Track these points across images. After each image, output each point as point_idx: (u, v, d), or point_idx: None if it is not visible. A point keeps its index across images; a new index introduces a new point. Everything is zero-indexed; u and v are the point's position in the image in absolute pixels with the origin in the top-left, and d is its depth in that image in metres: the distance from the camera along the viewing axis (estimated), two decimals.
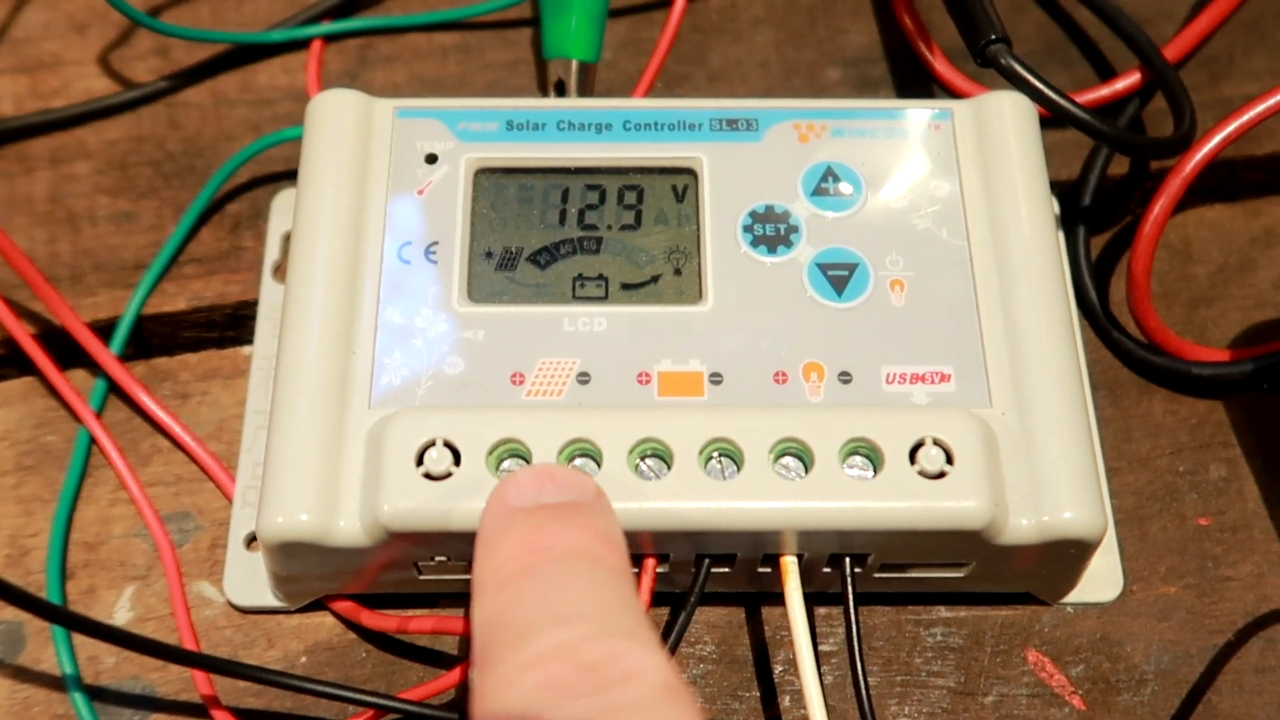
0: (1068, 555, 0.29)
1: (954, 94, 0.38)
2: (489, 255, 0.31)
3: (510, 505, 0.25)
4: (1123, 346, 0.35)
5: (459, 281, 0.30)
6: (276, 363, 0.30)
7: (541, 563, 0.23)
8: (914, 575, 0.30)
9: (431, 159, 0.32)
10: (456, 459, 0.27)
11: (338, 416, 0.29)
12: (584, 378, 0.29)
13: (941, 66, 0.39)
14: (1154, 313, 0.35)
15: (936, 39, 0.39)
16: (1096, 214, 0.37)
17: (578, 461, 0.28)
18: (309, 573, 0.29)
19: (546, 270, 0.31)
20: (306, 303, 0.30)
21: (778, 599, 0.29)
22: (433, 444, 0.27)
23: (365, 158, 0.32)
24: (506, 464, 0.28)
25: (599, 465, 0.28)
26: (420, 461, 0.27)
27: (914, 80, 0.39)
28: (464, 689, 0.30)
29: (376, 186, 0.32)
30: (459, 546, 0.28)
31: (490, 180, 0.32)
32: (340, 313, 0.30)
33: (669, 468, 0.28)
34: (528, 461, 0.28)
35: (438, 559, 0.29)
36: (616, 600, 0.23)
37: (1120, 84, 0.38)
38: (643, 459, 0.28)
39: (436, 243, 0.31)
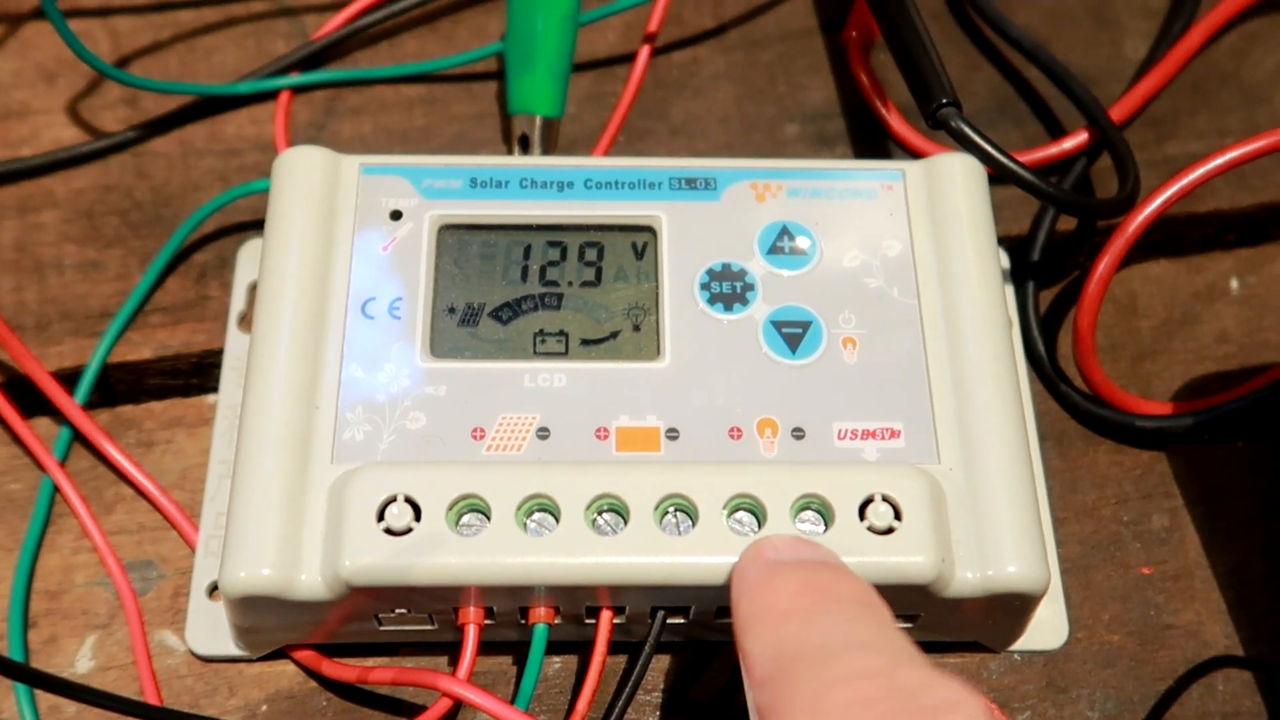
0: (1012, 607, 0.30)
1: (909, 150, 0.39)
2: (452, 311, 0.32)
3: (770, 559, 0.27)
4: (1069, 399, 0.36)
5: (422, 337, 0.31)
6: (240, 416, 0.30)
7: (823, 601, 0.25)
8: None
9: (396, 215, 0.33)
10: (417, 514, 0.28)
11: (300, 471, 0.29)
12: (544, 433, 0.30)
13: (897, 123, 0.40)
14: (1099, 368, 0.36)
15: (892, 96, 0.40)
16: (1045, 268, 0.39)
17: (536, 516, 0.28)
18: (270, 624, 0.30)
19: (508, 326, 0.32)
20: (271, 357, 0.30)
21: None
22: (394, 500, 0.28)
23: (331, 214, 0.32)
24: (466, 518, 0.28)
25: (557, 520, 0.28)
26: (381, 517, 0.28)
27: (870, 136, 0.41)
28: None
29: (341, 242, 0.32)
30: (420, 600, 0.29)
31: (454, 237, 0.33)
32: (304, 367, 0.30)
33: (625, 523, 0.28)
34: (487, 517, 0.28)
35: (398, 611, 0.29)
36: (905, 641, 0.24)
37: (1068, 143, 0.39)
38: (600, 514, 0.29)
39: (400, 298, 0.32)
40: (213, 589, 0.33)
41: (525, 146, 0.38)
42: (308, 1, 0.42)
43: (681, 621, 0.30)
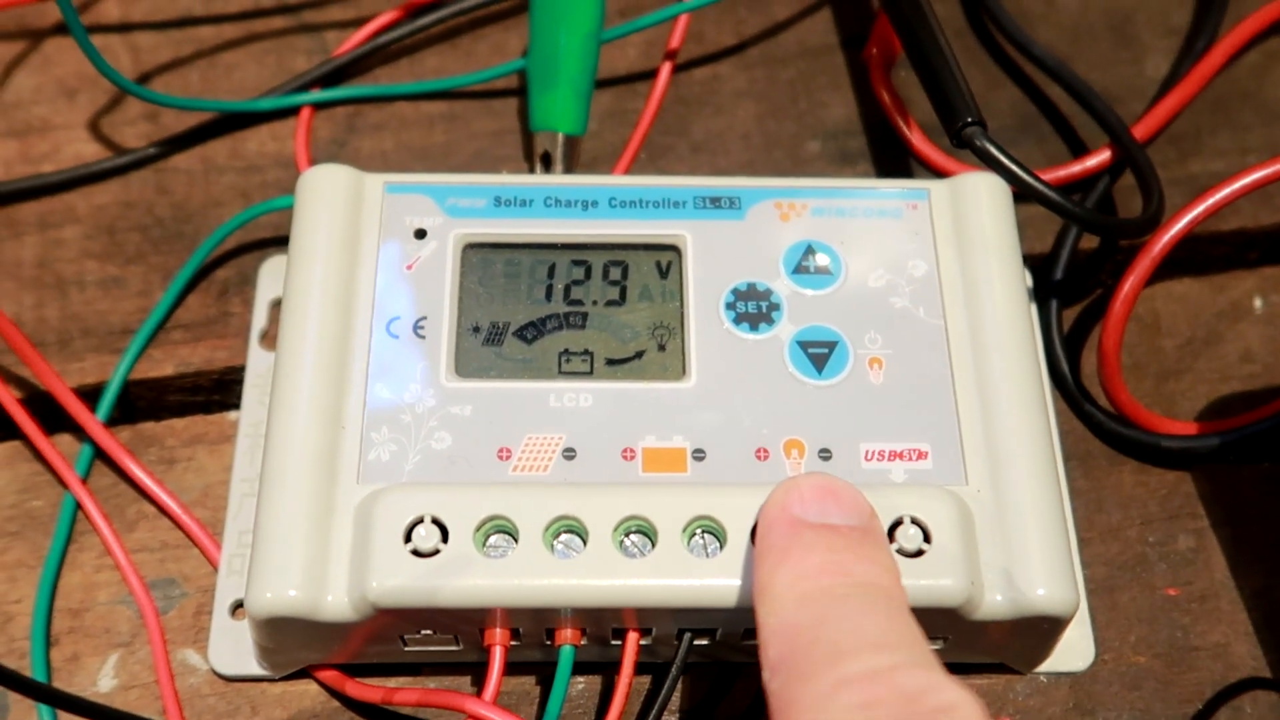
0: (1041, 630, 0.30)
1: (930, 168, 0.39)
2: (476, 330, 0.32)
3: (794, 515, 0.26)
4: (1094, 418, 0.36)
5: (447, 357, 0.31)
6: (266, 437, 0.30)
7: (841, 585, 0.25)
8: None
9: (420, 234, 0.33)
10: (444, 536, 0.28)
11: (326, 492, 0.29)
12: (569, 453, 0.30)
13: (919, 141, 0.40)
14: (1124, 387, 0.36)
15: (914, 114, 0.40)
16: (1069, 287, 0.38)
17: (563, 538, 0.28)
18: (295, 645, 0.30)
19: (533, 345, 0.32)
20: (296, 377, 0.30)
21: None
22: (421, 521, 0.28)
23: (355, 232, 0.32)
24: (493, 540, 0.28)
25: (584, 542, 0.28)
26: (408, 538, 0.28)
27: (892, 154, 0.40)
28: None
29: (366, 261, 0.32)
30: (446, 622, 0.29)
31: (478, 255, 0.33)
32: (329, 388, 0.30)
33: (653, 545, 0.28)
34: (514, 538, 0.28)
35: (424, 633, 0.29)
36: (915, 634, 0.24)
37: (1091, 161, 0.39)
38: (627, 535, 0.28)
39: (425, 318, 0.31)
40: (235, 607, 0.32)
41: (547, 164, 0.38)
42: (329, 18, 0.42)
43: (707, 643, 0.30)
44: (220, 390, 0.37)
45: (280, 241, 0.38)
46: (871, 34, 0.42)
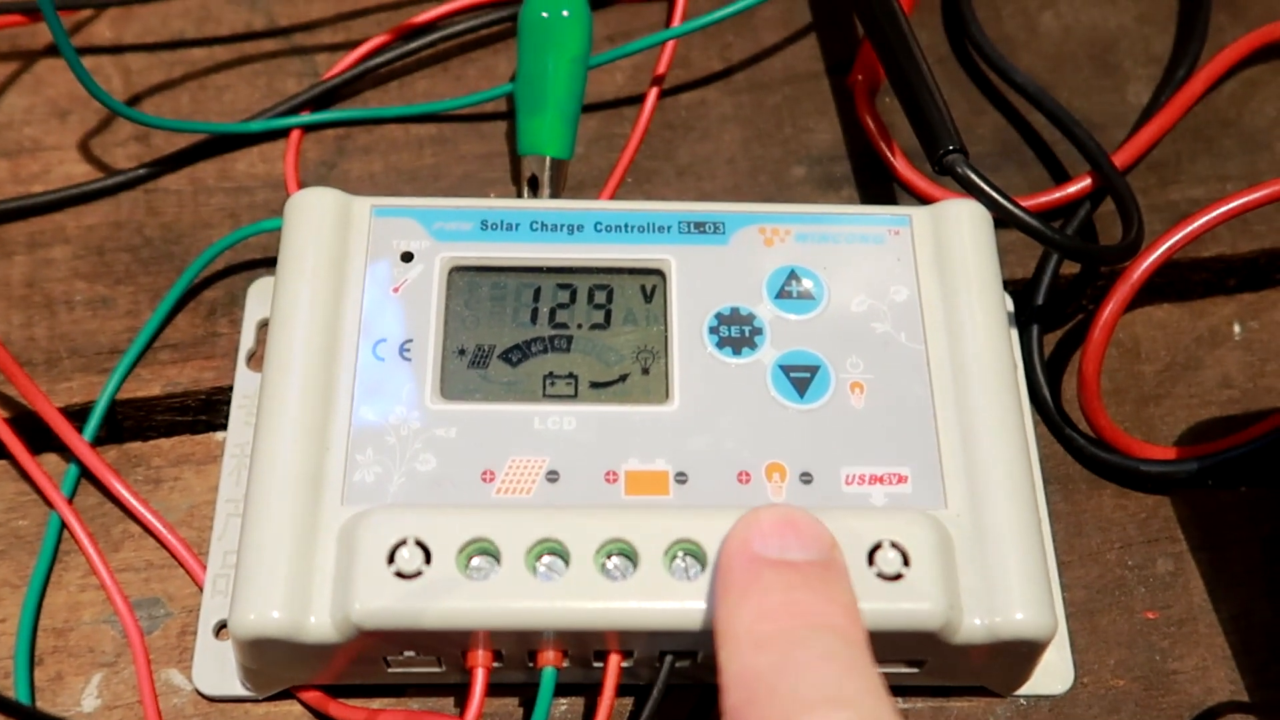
0: (1019, 653, 0.30)
1: (914, 193, 0.40)
2: (462, 353, 0.32)
3: (754, 552, 0.27)
4: (1074, 443, 0.37)
5: (432, 379, 0.31)
6: (251, 456, 0.30)
7: (798, 630, 0.25)
8: None
9: (407, 257, 0.33)
10: (427, 558, 0.28)
11: (311, 513, 0.29)
12: (553, 476, 0.30)
13: (902, 166, 0.40)
14: (1104, 412, 0.36)
15: (898, 140, 0.41)
16: (1049, 312, 0.39)
17: (545, 560, 0.29)
18: (278, 666, 0.30)
19: (518, 368, 0.32)
20: (282, 398, 0.30)
21: None
22: (404, 543, 0.28)
23: (342, 255, 0.33)
24: (476, 561, 0.28)
25: (566, 564, 0.28)
26: (392, 560, 0.28)
27: (876, 179, 0.41)
28: None
29: (353, 283, 0.32)
30: (429, 643, 0.29)
31: (464, 279, 0.33)
32: (315, 409, 0.30)
33: (635, 567, 0.28)
34: (497, 560, 0.28)
35: (407, 654, 0.29)
36: (872, 684, 0.24)
37: (1072, 188, 0.40)
38: (609, 558, 0.29)
39: (411, 340, 0.32)
40: (220, 628, 0.33)
41: (534, 187, 0.38)
42: (319, 41, 0.43)
43: (688, 665, 0.30)
44: (207, 410, 0.37)
45: (269, 263, 0.38)
46: (856, 61, 0.42)
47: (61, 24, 0.33)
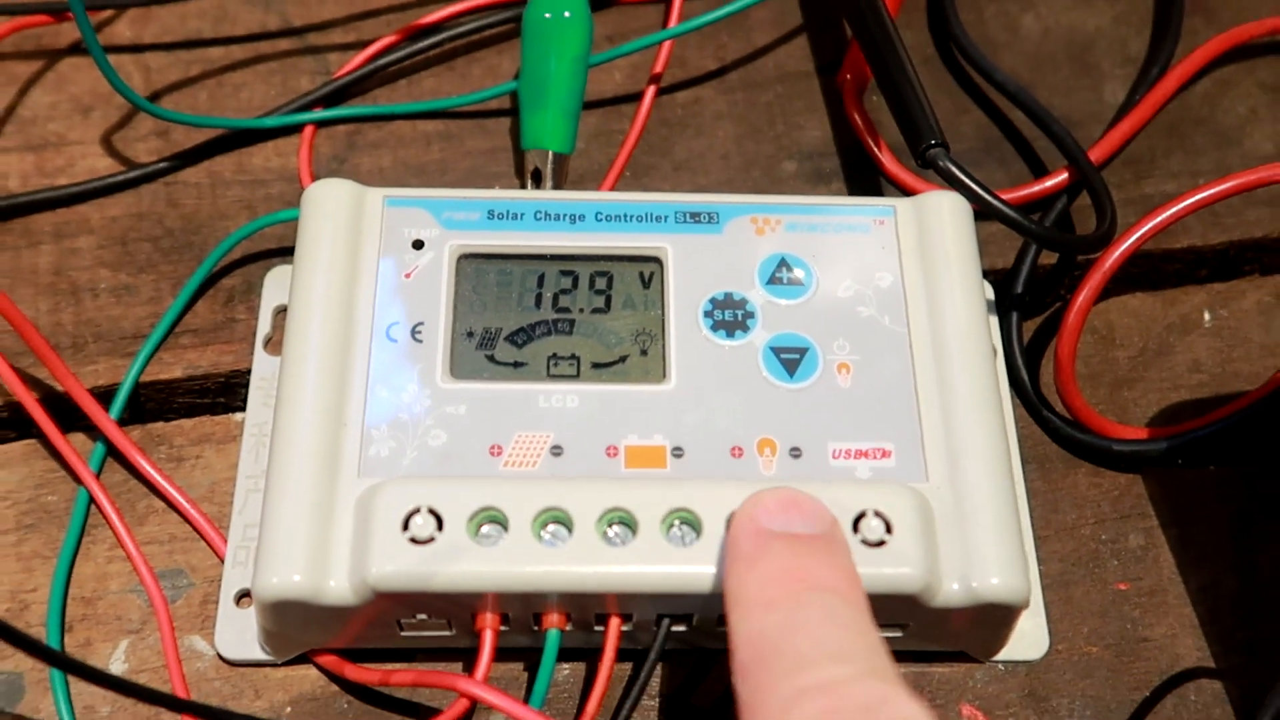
0: (995, 617, 0.32)
1: (900, 187, 0.42)
2: (470, 335, 0.34)
3: (761, 526, 0.28)
4: (1051, 424, 0.38)
5: (442, 360, 0.33)
6: (272, 434, 0.32)
7: (803, 593, 0.27)
8: None
9: (418, 245, 0.35)
10: (439, 525, 0.30)
11: (329, 484, 0.31)
12: (557, 450, 0.32)
13: (888, 161, 0.42)
14: (1079, 394, 0.38)
15: (885, 136, 0.42)
16: (1029, 300, 0.41)
17: (550, 528, 0.30)
18: (298, 628, 0.32)
19: (523, 349, 0.34)
20: (301, 378, 0.32)
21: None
22: (417, 511, 0.30)
23: (356, 243, 0.35)
24: (485, 529, 0.30)
25: (570, 531, 0.30)
26: (406, 527, 0.30)
27: (863, 173, 0.43)
28: None
29: (367, 270, 0.34)
30: (440, 606, 0.31)
31: (472, 265, 0.35)
32: (332, 388, 0.32)
33: (634, 534, 0.30)
34: (505, 527, 0.30)
35: (419, 617, 0.31)
36: (873, 642, 0.26)
37: (1050, 182, 0.42)
38: (610, 526, 0.30)
39: (422, 323, 0.34)
40: (240, 596, 0.34)
41: (537, 180, 0.40)
42: (331, 41, 0.44)
43: (684, 629, 0.32)
44: (226, 393, 0.39)
45: (284, 252, 0.40)
46: (845, 61, 0.44)
47: (89, 24, 0.35)
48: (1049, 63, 0.46)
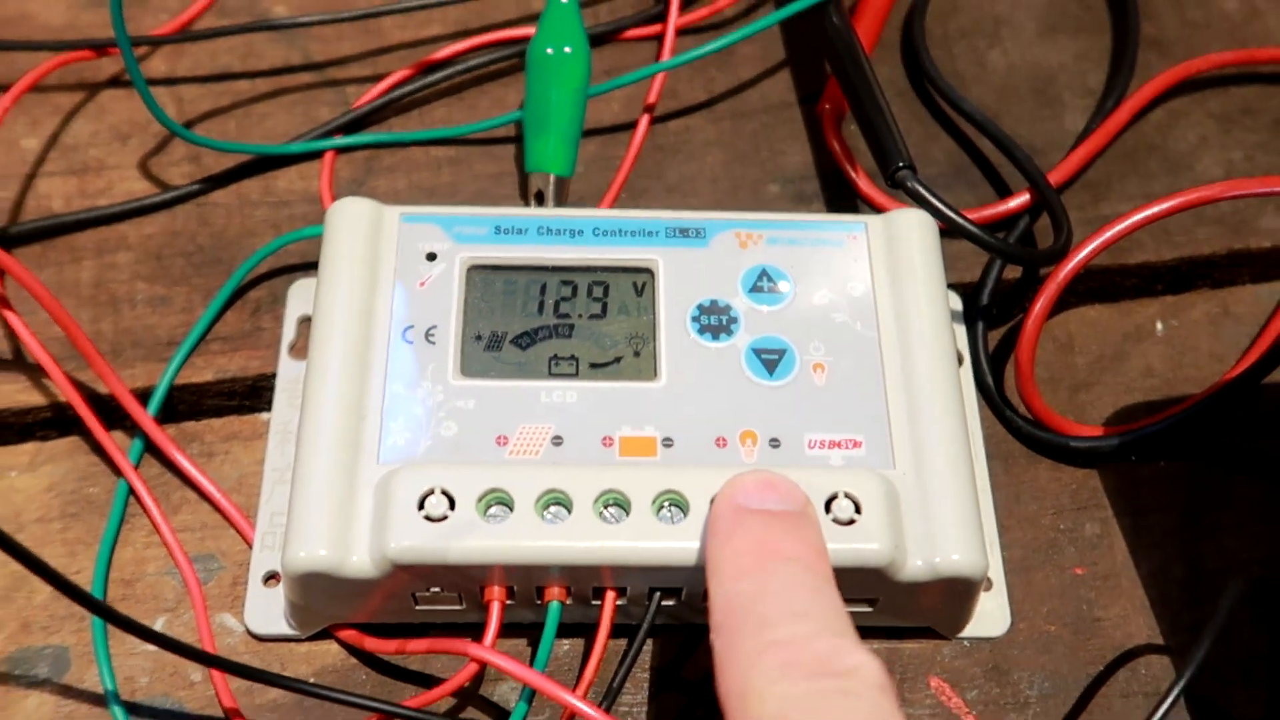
0: (957, 591, 0.35)
1: (874, 208, 0.45)
2: (479, 338, 0.37)
3: (739, 504, 0.32)
4: (1014, 423, 0.42)
5: (453, 359, 0.36)
6: (300, 425, 0.35)
7: (772, 562, 0.30)
8: None
9: (431, 257, 0.38)
10: (451, 505, 0.33)
11: (351, 470, 0.34)
12: (557, 440, 0.35)
13: (864, 184, 0.45)
14: (1038, 395, 0.41)
15: (861, 162, 0.46)
16: (993, 312, 0.44)
17: (552, 509, 0.34)
18: (322, 601, 0.35)
19: (527, 351, 0.37)
20: (325, 375, 0.36)
21: None
22: (432, 492, 0.33)
23: (375, 255, 0.38)
24: (493, 509, 0.33)
25: (569, 512, 0.33)
26: (421, 506, 0.33)
27: (841, 195, 0.46)
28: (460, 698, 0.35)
29: (384, 279, 0.38)
30: (452, 579, 0.34)
31: (481, 275, 0.38)
32: (353, 384, 0.36)
33: (627, 514, 0.33)
34: (510, 508, 0.33)
35: (433, 590, 0.34)
36: (834, 605, 0.29)
37: (1014, 202, 0.45)
38: (605, 507, 0.34)
39: (435, 327, 0.37)
40: (268, 577, 0.37)
41: (540, 201, 0.43)
42: (349, 74, 0.48)
43: (674, 603, 0.35)
44: (252, 395, 0.42)
45: (306, 266, 0.43)
46: (824, 92, 0.48)
47: (135, 60, 0.39)
48: (1014, 94, 0.49)
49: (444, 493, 0.33)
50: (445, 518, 0.33)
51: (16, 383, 0.41)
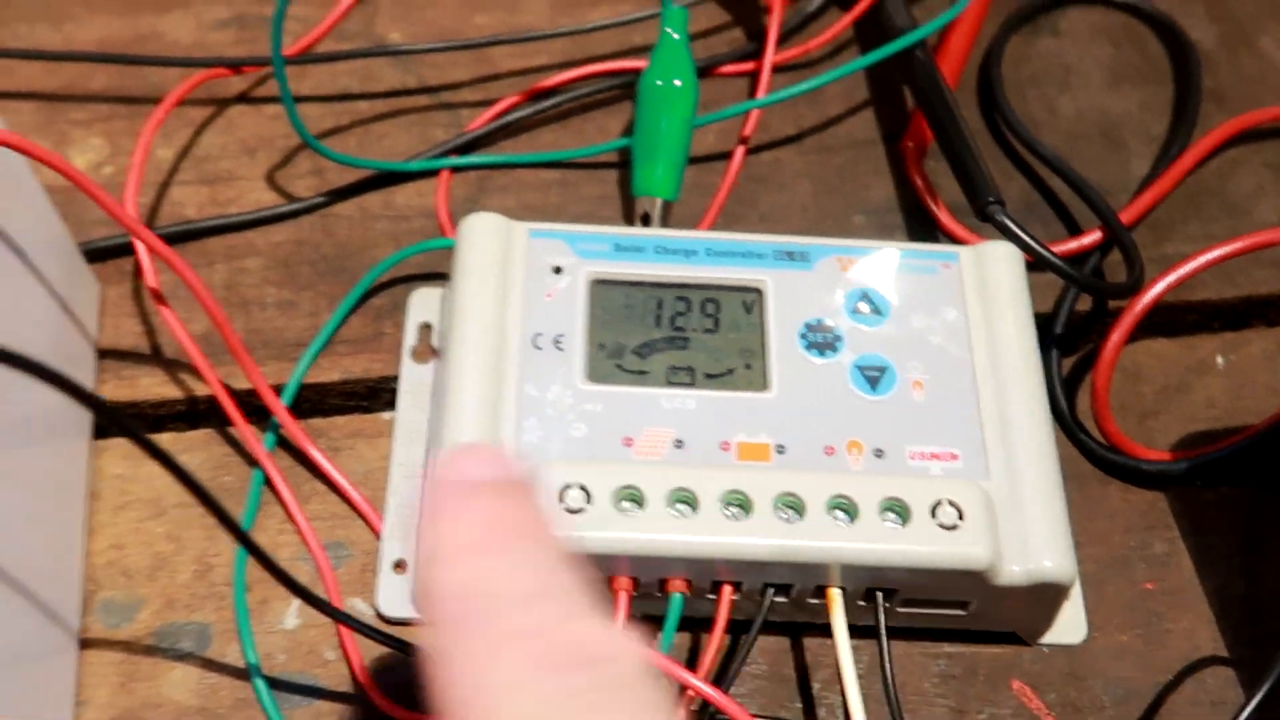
0: (1046, 597, 0.38)
1: (954, 239, 0.48)
2: (602, 347, 0.40)
3: (450, 480, 0.26)
4: (1087, 446, 0.44)
5: (580, 366, 0.39)
6: (439, 421, 0.38)
7: (496, 539, 0.25)
8: (926, 612, 0.39)
9: (557, 270, 0.41)
10: (588, 499, 0.36)
11: None
12: (679, 443, 0.38)
13: (944, 217, 0.48)
14: (1112, 421, 0.44)
15: (941, 196, 0.49)
16: (1066, 340, 0.47)
17: (679, 506, 0.36)
18: None
19: (647, 360, 0.40)
20: (463, 376, 0.38)
21: (816, 630, 0.38)
22: (570, 487, 0.36)
23: (506, 266, 0.41)
24: (625, 504, 0.36)
25: (694, 509, 0.36)
26: (561, 499, 0.36)
27: (922, 227, 0.49)
28: None
29: (514, 289, 0.40)
30: (588, 570, 0.36)
31: (603, 289, 0.41)
32: (491, 385, 0.38)
33: (748, 513, 0.36)
34: (640, 504, 0.36)
35: None
36: (572, 581, 0.25)
37: (1086, 239, 0.48)
38: (728, 506, 0.36)
39: (563, 335, 0.40)
40: (396, 564, 0.40)
41: (646, 223, 0.46)
42: (463, 99, 0.51)
43: (784, 600, 0.38)
44: (372, 396, 0.44)
45: (424, 277, 0.46)
46: (907, 130, 0.51)
47: (286, 82, 0.42)
48: (1082, 139, 0.52)
49: (581, 488, 0.36)
50: (582, 510, 0.36)
51: (154, 376, 0.44)
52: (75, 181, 0.36)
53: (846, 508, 0.37)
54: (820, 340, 0.40)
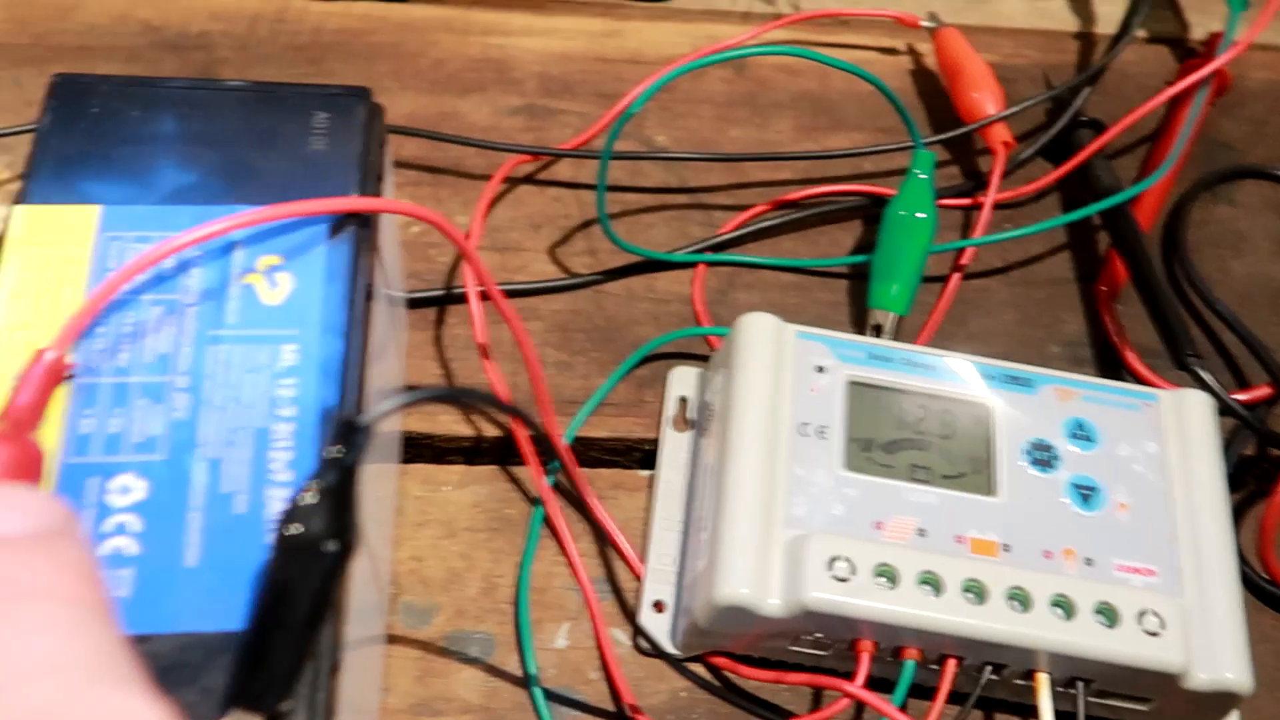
0: (1221, 702, 0.44)
1: (1139, 380, 0.54)
2: (856, 440, 0.46)
3: None
4: (1247, 575, 0.51)
5: (839, 455, 0.46)
6: (720, 490, 0.45)
7: (13, 605, 0.22)
8: (1111, 704, 0.45)
9: (820, 369, 0.48)
10: (853, 570, 0.42)
11: (766, 530, 0.43)
12: (922, 532, 0.44)
13: (1131, 358, 0.55)
14: (1274, 556, 0.50)
15: (1129, 338, 0.56)
16: (1232, 479, 0.53)
17: (925, 586, 0.43)
18: (725, 629, 0.44)
19: (893, 455, 0.46)
20: (744, 454, 0.45)
21: (1008, 708, 0.44)
22: (838, 558, 0.42)
23: (778, 361, 0.48)
24: (880, 579, 0.42)
25: (938, 591, 0.42)
26: (830, 567, 0.42)
27: (1111, 364, 0.56)
28: None
29: (784, 381, 0.47)
30: (839, 628, 0.43)
31: (858, 390, 0.48)
32: (766, 463, 0.45)
33: (982, 601, 0.42)
34: (893, 581, 0.42)
35: (816, 635, 0.43)
36: (103, 643, 0.22)
37: (1257, 392, 0.54)
38: (966, 591, 0.43)
39: (826, 426, 0.46)
40: (656, 604, 0.47)
41: (878, 332, 0.53)
42: (718, 202, 0.58)
43: (997, 678, 0.44)
44: (631, 454, 0.51)
45: (680, 356, 0.53)
46: (1101, 274, 0.57)
47: (605, 191, 0.49)
48: (1250, 300, 0.59)
49: (848, 560, 0.42)
50: (847, 580, 0.42)
51: (451, 414, 0.51)
52: (461, 249, 0.43)
53: (1065, 605, 0.43)
54: (1041, 457, 0.47)
